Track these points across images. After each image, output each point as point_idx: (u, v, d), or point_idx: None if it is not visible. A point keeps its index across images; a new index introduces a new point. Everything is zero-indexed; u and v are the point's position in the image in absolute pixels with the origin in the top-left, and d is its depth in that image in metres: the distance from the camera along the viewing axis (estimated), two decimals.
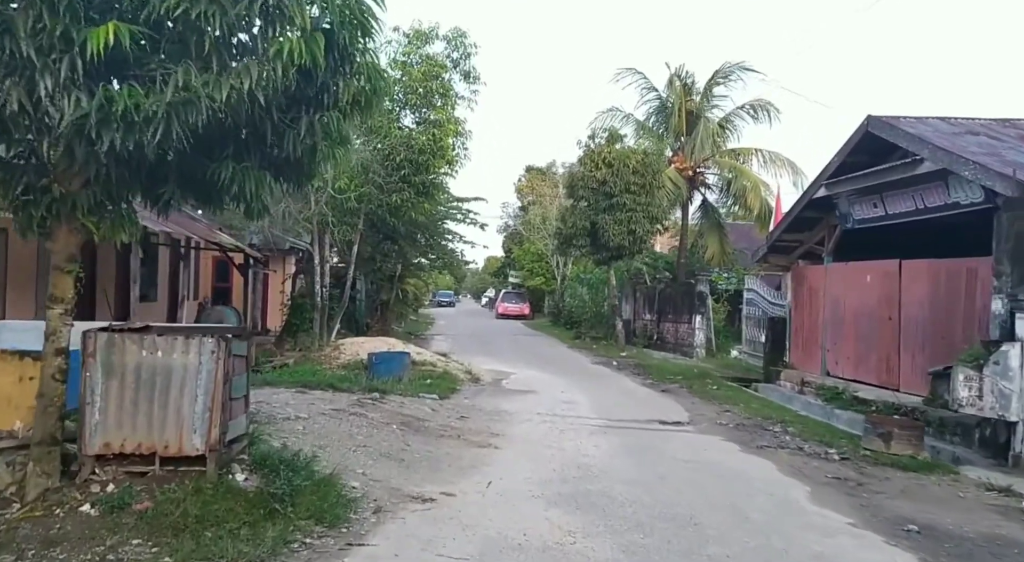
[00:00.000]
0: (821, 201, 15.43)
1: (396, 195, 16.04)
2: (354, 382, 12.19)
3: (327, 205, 15.86)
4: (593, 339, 29.35)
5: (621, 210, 23.88)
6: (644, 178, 24.01)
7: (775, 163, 27.78)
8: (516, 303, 50.81)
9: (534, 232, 46.39)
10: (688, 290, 25.29)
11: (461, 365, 16.72)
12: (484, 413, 11.35)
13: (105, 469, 6.00)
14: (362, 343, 16.34)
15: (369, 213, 16.95)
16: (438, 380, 14.35)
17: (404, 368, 13.96)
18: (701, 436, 10.65)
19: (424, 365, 15.67)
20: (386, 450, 8.05)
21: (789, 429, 11.38)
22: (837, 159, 14.66)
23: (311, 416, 8.81)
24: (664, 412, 12.68)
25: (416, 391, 12.61)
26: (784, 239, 17.09)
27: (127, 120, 5.05)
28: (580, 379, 17.15)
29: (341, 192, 15.66)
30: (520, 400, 13.31)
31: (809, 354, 16.50)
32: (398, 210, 16.62)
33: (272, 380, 11.68)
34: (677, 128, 27.75)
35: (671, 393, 15.34)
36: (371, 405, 10.14)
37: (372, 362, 13.95)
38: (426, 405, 11.29)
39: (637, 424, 11.41)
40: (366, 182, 15.98)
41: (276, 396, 10.02)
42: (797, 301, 17.26)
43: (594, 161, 24.48)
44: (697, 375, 18.23)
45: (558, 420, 11.30)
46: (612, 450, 9.20)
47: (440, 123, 16.01)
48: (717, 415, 12.64)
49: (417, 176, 16.11)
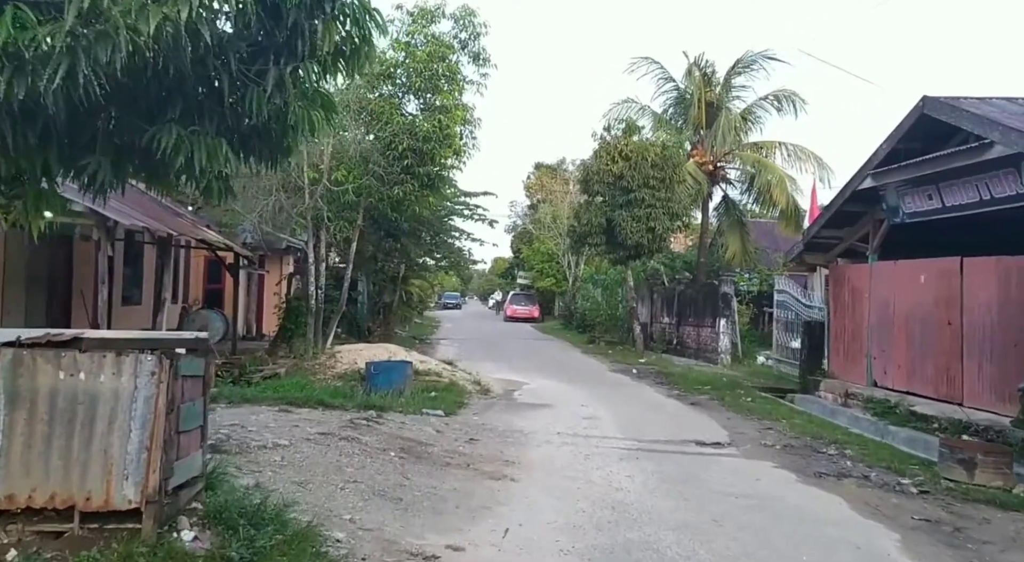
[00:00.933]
0: (866, 193, 13.96)
1: (398, 188, 14.63)
2: (348, 397, 10.79)
3: (323, 198, 14.47)
4: (608, 344, 27.92)
5: (639, 206, 22.43)
6: (664, 172, 22.56)
7: (800, 157, 26.30)
8: (525, 305, 49.36)
9: (544, 231, 44.94)
10: (711, 291, 23.81)
11: (469, 375, 15.31)
12: (496, 434, 9.93)
13: (8, 529, 4.60)
14: (360, 350, 14.96)
15: (369, 207, 15.56)
16: (444, 393, 12.94)
17: (406, 379, 12.56)
18: (748, 462, 9.20)
19: (428, 375, 14.27)
20: (381, 486, 6.64)
21: (846, 452, 9.93)
22: (886, 146, 13.19)
23: (293, 442, 7.40)
24: (699, 430, 11.24)
25: (419, 407, 11.21)
26: (822, 236, 15.62)
27: (13, 57, 3.68)
28: (599, 390, 15.72)
29: (338, 184, 14.27)
30: (535, 416, 11.89)
31: (852, 362, 15.02)
32: (400, 204, 15.22)
33: (253, 396, 10.27)
34: (696, 120, 26.29)
35: (702, 406, 13.89)
36: (366, 427, 8.72)
37: (370, 373, 12.57)
38: (430, 424, 9.87)
39: (672, 446, 9.97)
40: (366, 173, 14.58)
41: (255, 416, 8.63)
42: (837, 303, 15.78)
43: (610, 154, 23.03)
44: (727, 385, 16.78)
45: (580, 441, 9.88)
46: (649, 482, 7.76)
47: (447, 109, 14.61)
48: (759, 434, 11.18)
49: (421, 167, 14.70)
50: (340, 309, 16.27)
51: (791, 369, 19.06)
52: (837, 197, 14.75)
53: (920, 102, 12.18)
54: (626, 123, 23.74)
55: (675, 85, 27.37)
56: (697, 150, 26.67)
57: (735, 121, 25.47)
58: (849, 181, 14.29)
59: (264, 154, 5.42)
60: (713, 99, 26.57)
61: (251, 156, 5.38)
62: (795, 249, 16.33)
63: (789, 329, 19.20)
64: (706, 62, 26.71)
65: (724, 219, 28.50)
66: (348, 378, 13.68)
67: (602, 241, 23.48)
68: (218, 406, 8.76)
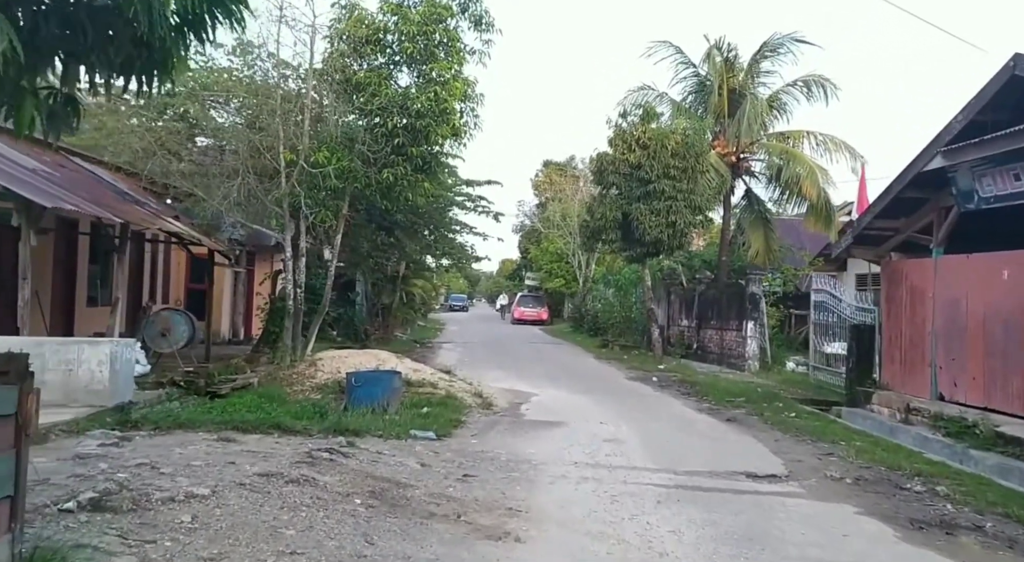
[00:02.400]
0: (930, 176, 11.94)
1: (388, 171, 12.65)
2: (317, 417, 8.84)
3: (300, 183, 12.52)
4: (623, 348, 25.91)
5: (658, 198, 20.43)
6: (685, 161, 20.56)
7: (830, 147, 24.22)
8: (534, 307, 47.36)
9: (553, 229, 42.95)
10: (736, 292, 21.78)
11: (469, 385, 13.33)
12: (497, 465, 7.93)
13: None
14: (345, 357, 13.00)
15: (357, 195, 13.58)
16: (438, 408, 10.96)
17: (392, 393, 10.60)
18: (822, 505, 7.18)
19: (422, 387, 12.30)
20: (331, 560, 4.66)
21: (937, 488, 7.89)
22: (962, 118, 11.17)
23: (218, 491, 5.42)
24: (747, 457, 9.23)
25: (406, 427, 9.24)
26: (875, 227, 13.59)
27: None
28: (619, 402, 13.72)
29: (317, 167, 12.32)
30: (547, 437, 9.89)
31: (911, 372, 12.97)
32: (391, 190, 13.21)
33: (190, 419, 8.25)
34: (717, 108, 24.27)
35: (741, 423, 11.87)
36: (327, 462, 6.73)
37: (351, 385, 10.61)
38: (415, 453, 7.89)
39: (719, 480, 7.95)
40: (351, 154, 12.61)
41: (181, 450, 6.66)
42: (891, 304, 13.74)
43: (626, 142, 21.05)
44: (762, 396, 14.75)
45: (604, 474, 7.88)
46: (703, 542, 5.76)
47: (444, 81, 12.64)
48: (820, 461, 9.16)
49: (415, 147, 12.72)
50: (322, 310, 14.29)
51: (830, 377, 17.04)
52: (895, 182, 12.70)
53: (1011, 61, 10.17)
54: (644, 109, 21.70)
55: (695, 71, 25.39)
56: (719, 141, 24.64)
57: (761, 108, 23.42)
58: (912, 162, 12.25)
59: (128, 64, 3.46)
60: (736, 85, 24.56)
61: (107, 65, 3.42)
62: (842, 242, 14.26)
63: (828, 333, 17.14)
64: (728, 46, 24.69)
65: (746, 215, 26.47)
66: (328, 389, 11.74)
67: (617, 237, 21.48)
68: (136, 436, 6.84)
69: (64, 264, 15.92)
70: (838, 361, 17.54)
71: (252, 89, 13.03)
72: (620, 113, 21.66)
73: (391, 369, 11.97)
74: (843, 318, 16.28)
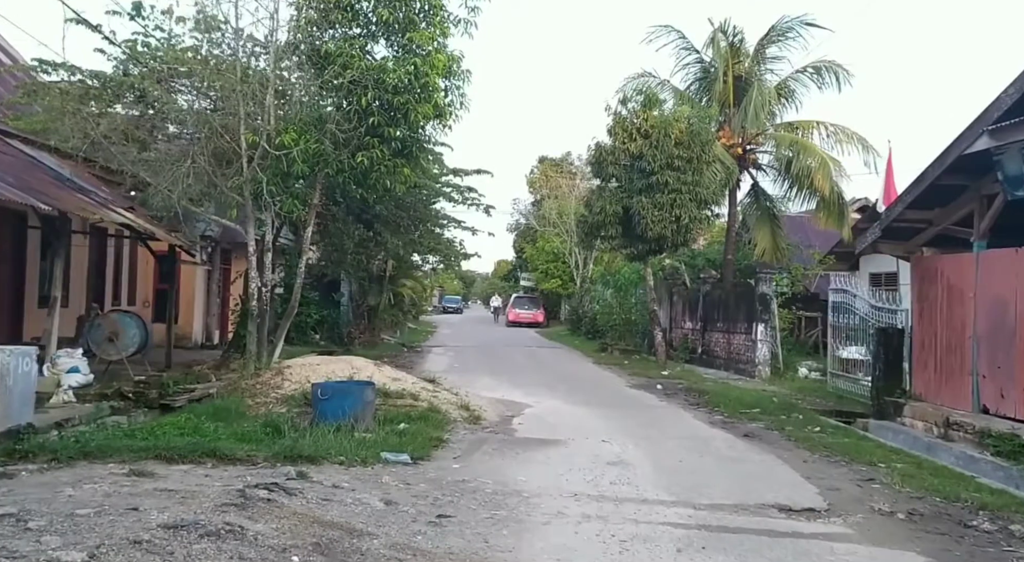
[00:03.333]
0: (973, 159, 10.61)
1: (362, 154, 11.24)
2: (267, 439, 7.47)
3: (263, 168, 11.11)
4: (623, 352, 24.56)
5: (662, 191, 19.06)
6: (690, 151, 19.19)
7: (841, 139, 22.88)
8: (529, 309, 45.97)
9: (549, 227, 41.57)
10: (744, 292, 20.44)
11: (455, 396, 11.95)
12: (481, 499, 6.55)
13: None
14: (316, 365, 11.61)
15: (330, 185, 12.17)
16: (417, 424, 9.58)
17: (364, 406, 9.22)
18: (877, 551, 5.82)
19: (402, 398, 10.91)
20: None
21: (1012, 527, 6.55)
22: (1014, 92, 9.80)
23: (101, 553, 4.01)
24: (774, 483, 7.87)
25: (376, 449, 7.88)
26: (905, 218, 12.24)
27: None
28: (623, 414, 12.36)
29: (282, 149, 10.92)
30: (541, 460, 8.53)
31: (947, 381, 11.63)
32: (366, 177, 11.79)
33: (102, 447, 6.73)
34: (722, 97, 22.92)
35: (761, 440, 10.51)
36: (265, 503, 5.32)
37: (317, 398, 9.22)
38: (380, 486, 6.50)
39: (748, 517, 6.59)
40: (321, 136, 11.20)
41: (72, 491, 5.25)
42: (923, 305, 12.40)
43: (627, 131, 19.67)
44: (779, 407, 13.41)
45: (610, 510, 6.51)
46: None
47: (425, 53, 11.24)
48: (861, 490, 7.80)
49: (393, 127, 11.32)
50: (291, 312, 12.87)
51: (848, 385, 15.69)
52: (932, 167, 11.34)
53: None
54: (645, 95, 20.30)
55: (698, 58, 24.04)
56: (724, 131, 23.29)
57: (769, 96, 22.08)
58: (952, 143, 10.90)
59: None
60: (742, 72, 23.24)
61: None
62: (869, 236, 12.90)
63: (849, 337, 15.79)
64: (733, 29, 23.35)
65: (752, 211, 25.14)
66: (295, 401, 10.36)
67: (617, 233, 20.10)
68: (22, 472, 5.46)
69: (12, 260, 14.51)
70: (855, 367, 16.22)
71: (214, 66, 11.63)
72: (620, 100, 20.28)
73: (365, 379, 10.59)
74: (866, 320, 14.91)
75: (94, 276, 17.21)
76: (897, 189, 16.29)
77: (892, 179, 17.27)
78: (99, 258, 17.31)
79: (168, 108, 12.41)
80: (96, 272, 17.23)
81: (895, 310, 14.06)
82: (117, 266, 18.33)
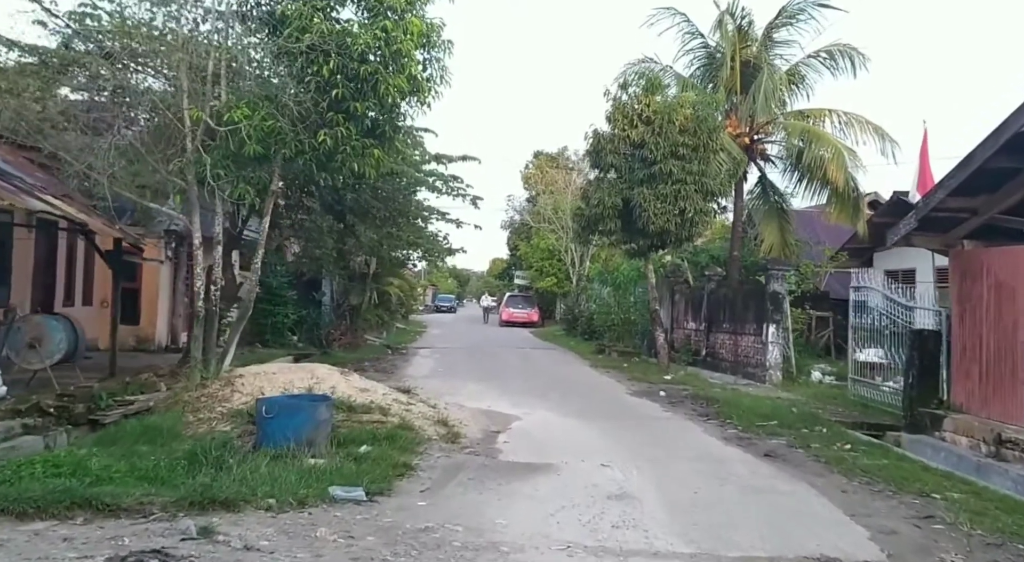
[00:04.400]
0: None
1: (324, 133, 9.69)
2: (174, 477, 5.92)
3: (208, 148, 9.57)
4: (621, 355, 23.08)
5: (665, 181, 17.56)
6: (696, 138, 17.70)
7: (855, 128, 21.36)
8: (523, 308, 44.47)
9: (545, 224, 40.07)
10: (753, 290, 18.97)
11: (432, 409, 10.44)
12: (446, 556, 5.04)
13: None
14: (273, 374, 10.09)
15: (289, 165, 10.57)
16: (382, 446, 8.06)
17: (318, 426, 7.72)
18: None
19: (369, 413, 9.39)
20: None
21: None
22: None
23: None
24: (813, 523, 6.39)
25: (325, 482, 6.38)
26: (946, 207, 10.76)
27: None
28: (623, 429, 10.86)
29: (230, 125, 9.40)
30: (528, 494, 7.02)
31: (998, 391, 10.16)
32: (331, 159, 10.22)
33: None
34: (729, 83, 21.40)
35: (786, 461, 9.02)
36: None
37: (261, 416, 7.72)
38: (313, 544, 4.99)
39: None
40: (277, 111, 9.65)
41: None
42: (964, 306, 10.94)
43: (627, 117, 18.17)
44: (799, 418, 11.93)
45: None
46: None
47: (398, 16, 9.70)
48: (921, 532, 6.32)
49: (360, 101, 9.76)
50: (245, 313, 11.24)
51: (870, 392, 14.21)
52: (982, 147, 9.85)
53: None
54: (647, 79, 18.77)
55: (703, 42, 22.52)
56: (730, 120, 21.76)
57: (781, 81, 20.60)
58: (1008, 120, 9.41)
59: None
60: (750, 57, 21.71)
61: None
62: (903, 226, 11.41)
63: (875, 339, 14.30)
64: (742, 11, 21.82)
65: (759, 205, 23.65)
66: (243, 418, 8.84)
67: (616, 227, 18.58)
68: None
69: None
70: (872, 371, 14.76)
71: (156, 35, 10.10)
72: (620, 84, 18.74)
73: (326, 391, 9.09)
74: (894, 320, 13.42)
75: (43, 273, 15.71)
76: (933, 176, 14.83)
77: (928, 165, 15.78)
78: (48, 254, 15.78)
79: (119, 88, 10.88)
80: (44, 269, 15.70)
81: (936, 310, 12.52)
82: (70, 263, 16.78)
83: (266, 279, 22.70)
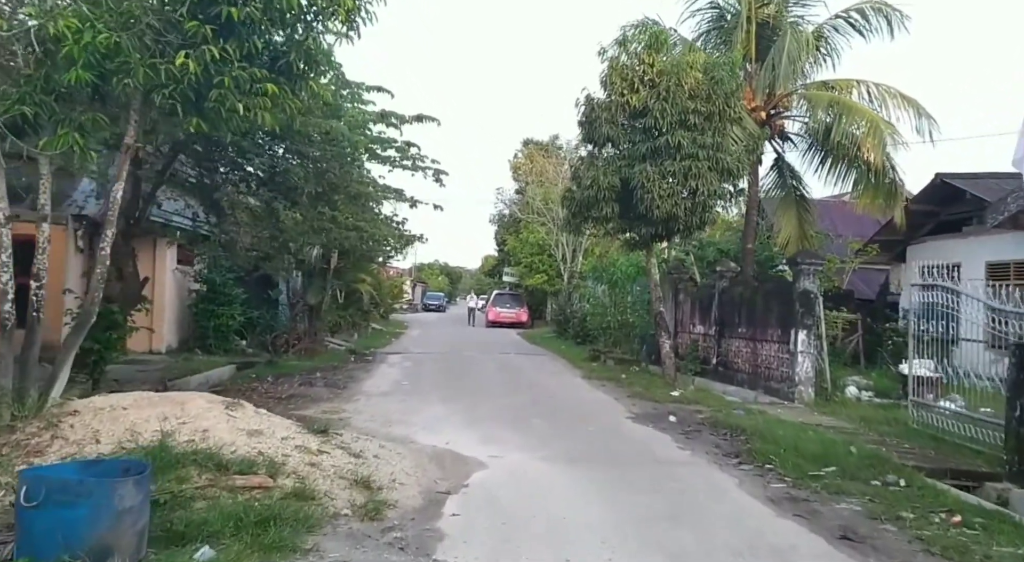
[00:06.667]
0: None
1: (186, 55, 6.47)
2: None
3: (16, 75, 6.40)
4: (618, 362, 20.05)
5: (673, 156, 14.48)
6: (710, 104, 14.62)
7: (888, 101, 18.31)
8: (511, 307, 41.42)
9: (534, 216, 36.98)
10: (777, 289, 15.90)
11: (355, 458, 7.28)
12: None
13: None
14: (124, 409, 6.97)
15: (147, 104, 7.33)
16: (242, 541, 4.94)
17: (116, 522, 4.58)
18: None
19: (247, 474, 6.25)
20: None
21: None
22: None
23: None
24: None
25: None
26: None
27: None
28: (631, 487, 7.74)
29: (58, 42, 6.28)
30: None
31: None
32: (203, 98, 6.94)
33: None
34: (743, 49, 18.34)
35: (876, 550, 5.93)
36: None
37: (20, 506, 4.57)
38: None
39: None
40: (121, 26, 6.49)
41: None
42: None
43: (627, 80, 15.07)
44: (861, 461, 8.83)
45: None
46: None
47: None
48: None
49: (237, 6, 6.54)
50: (84, 323, 7.87)
51: (938, 418, 11.10)
52: None
53: None
54: (651, 34, 15.62)
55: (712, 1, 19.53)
56: (745, 92, 18.72)
57: (807, 43, 17.56)
58: None
59: None
60: (767, 17, 18.73)
61: None
62: (1004, 207, 8.33)
63: (944, 350, 11.18)
64: None
65: (775, 191, 20.65)
66: None
67: (613, 212, 15.45)
68: None
69: None
70: (923, 386, 11.72)
71: None
72: (618, 41, 15.60)
73: (138, 459, 5.96)
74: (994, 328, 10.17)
75: None
76: None
77: None
78: None
79: None
80: None
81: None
82: None
83: (208, 275, 19.55)
